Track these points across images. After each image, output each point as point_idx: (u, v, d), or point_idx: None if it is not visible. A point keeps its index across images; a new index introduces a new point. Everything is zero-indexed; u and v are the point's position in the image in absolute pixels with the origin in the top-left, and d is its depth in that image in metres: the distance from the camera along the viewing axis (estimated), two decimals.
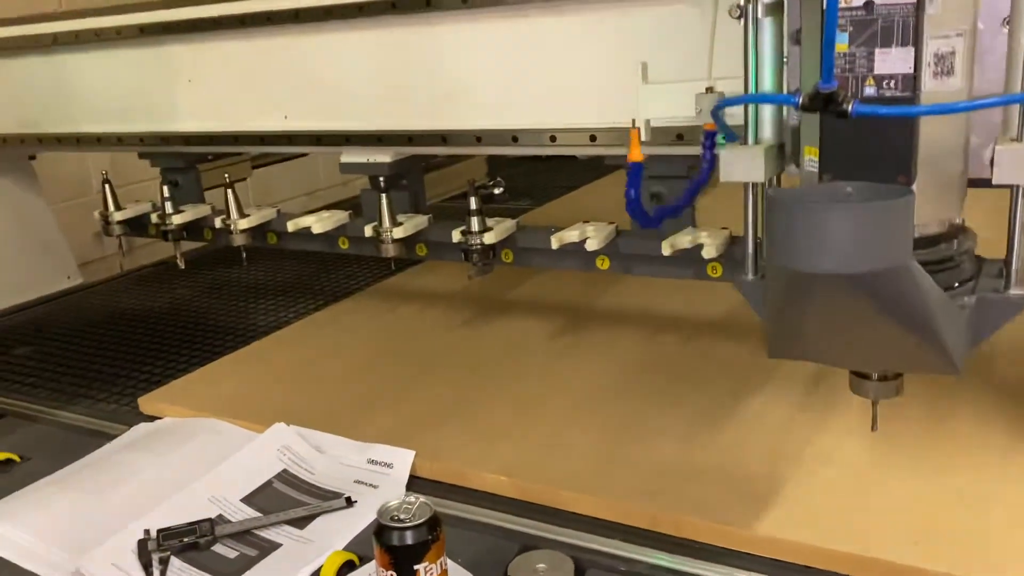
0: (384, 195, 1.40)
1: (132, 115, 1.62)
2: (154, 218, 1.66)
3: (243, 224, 1.55)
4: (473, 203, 1.34)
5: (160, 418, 1.35)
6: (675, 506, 0.98)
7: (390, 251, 1.42)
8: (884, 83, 0.79)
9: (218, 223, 1.60)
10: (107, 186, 1.69)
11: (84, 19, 1.64)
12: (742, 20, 0.90)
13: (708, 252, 1.17)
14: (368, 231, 1.44)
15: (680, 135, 1.11)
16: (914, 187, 0.79)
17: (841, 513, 0.95)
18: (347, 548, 0.99)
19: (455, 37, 1.28)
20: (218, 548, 1.01)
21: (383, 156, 1.41)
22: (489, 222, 1.37)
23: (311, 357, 1.51)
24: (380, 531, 0.83)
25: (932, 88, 0.79)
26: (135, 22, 1.56)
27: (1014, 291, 0.89)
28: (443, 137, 1.33)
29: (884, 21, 0.77)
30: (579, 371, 1.36)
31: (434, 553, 0.83)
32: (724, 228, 1.20)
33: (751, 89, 0.91)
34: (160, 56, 1.55)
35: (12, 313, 1.96)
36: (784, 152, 0.94)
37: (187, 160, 1.68)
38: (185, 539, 1.00)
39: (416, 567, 0.82)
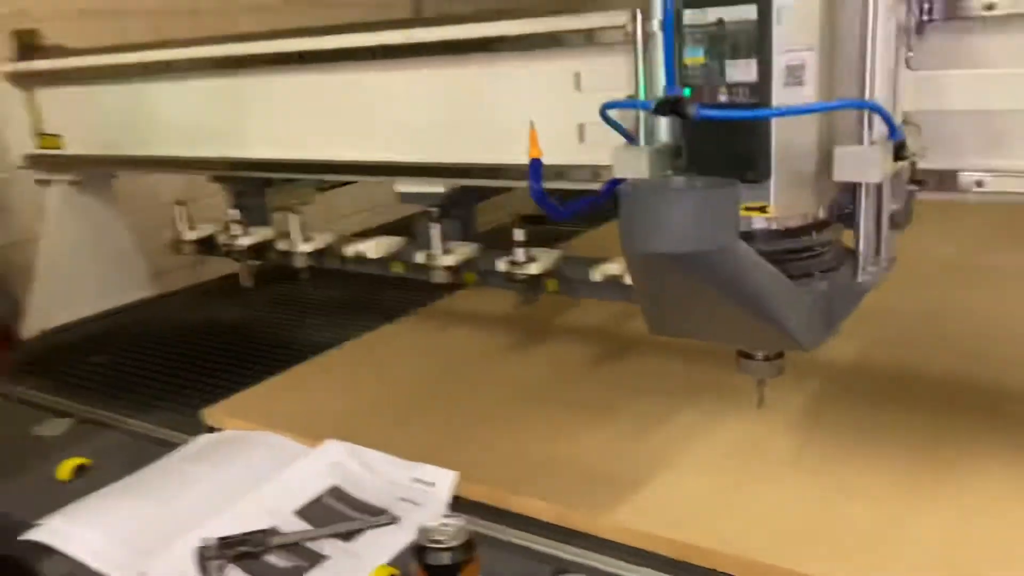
0: (436, 224, 1.47)
1: (205, 141, 1.72)
2: (223, 239, 1.76)
3: (305, 248, 1.65)
4: (519, 235, 1.41)
5: (221, 430, 1.43)
6: (698, 537, 1.02)
7: (440, 277, 1.51)
8: (734, 91, 0.88)
9: (282, 246, 1.69)
10: (179, 208, 1.80)
11: (164, 51, 1.75)
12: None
13: None
14: (420, 258, 1.52)
15: None
16: (771, 183, 0.88)
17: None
18: (391, 563, 1.04)
19: (509, 77, 1.33)
20: (271, 558, 1.08)
21: (437, 187, 1.47)
22: (535, 252, 1.43)
23: (363, 376, 1.58)
24: (420, 551, 0.89)
25: (784, 96, 0.87)
26: (211, 55, 1.66)
27: (861, 278, 0.98)
28: (495, 171, 1.39)
29: (732, 36, 0.87)
30: (622, 399, 1.39)
31: (469, 572, 0.88)
32: None
33: (641, 97, 1.00)
34: (233, 87, 1.65)
35: (89, 322, 2.08)
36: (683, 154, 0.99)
37: (255, 184, 1.77)
38: (241, 548, 1.07)
39: None
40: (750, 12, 0.85)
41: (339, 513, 1.16)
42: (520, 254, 1.42)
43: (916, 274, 1.68)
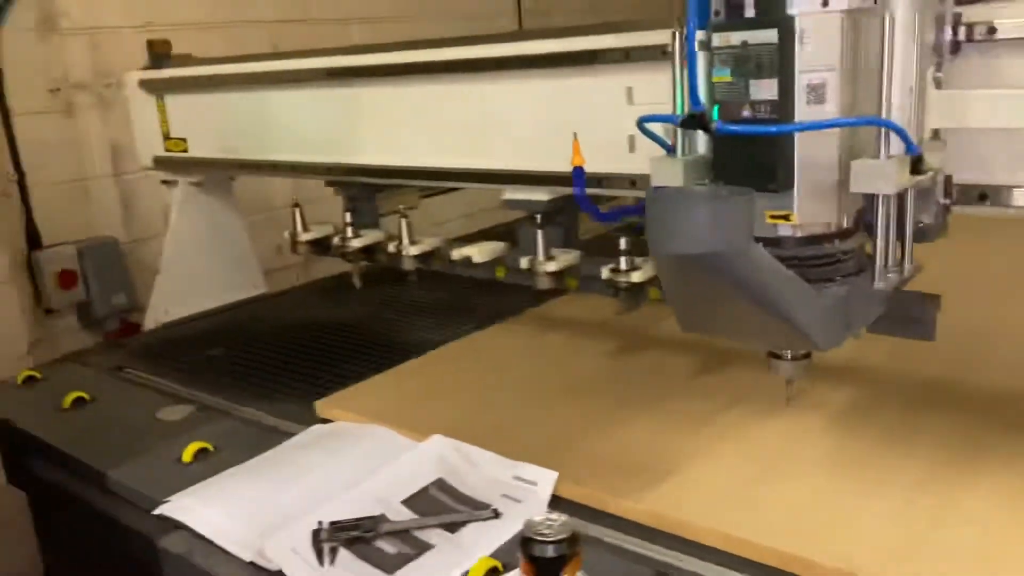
0: (540, 231, 1.50)
1: (322, 147, 1.80)
2: (336, 240, 1.84)
3: (413, 251, 1.71)
4: (623, 243, 1.43)
5: (332, 421, 1.50)
6: (803, 547, 1.02)
7: (543, 283, 1.54)
8: (757, 108, 0.94)
9: (391, 248, 1.76)
10: (297, 209, 1.89)
11: (283, 61, 1.85)
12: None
13: None
14: (524, 263, 1.55)
15: None
16: (794, 194, 0.94)
17: None
18: (493, 555, 1.08)
19: (616, 88, 1.36)
20: (380, 543, 1.13)
21: (542, 195, 1.51)
22: (638, 261, 1.44)
23: (466, 376, 1.63)
24: (526, 543, 0.92)
25: (806, 113, 0.92)
26: (327, 65, 1.74)
27: (878, 285, 1.02)
28: (599, 180, 1.42)
29: (756, 58, 0.93)
30: (722, 408, 1.40)
31: (572, 567, 0.91)
32: None
33: (678, 111, 1.04)
34: (349, 96, 1.73)
35: (207, 317, 2.21)
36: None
37: (367, 189, 1.85)
38: (352, 532, 1.13)
39: None
40: (772, 36, 0.92)
41: (444, 505, 1.21)
42: (623, 262, 1.44)
43: (967, 287, 1.71)
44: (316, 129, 1.82)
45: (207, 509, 1.22)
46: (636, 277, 1.44)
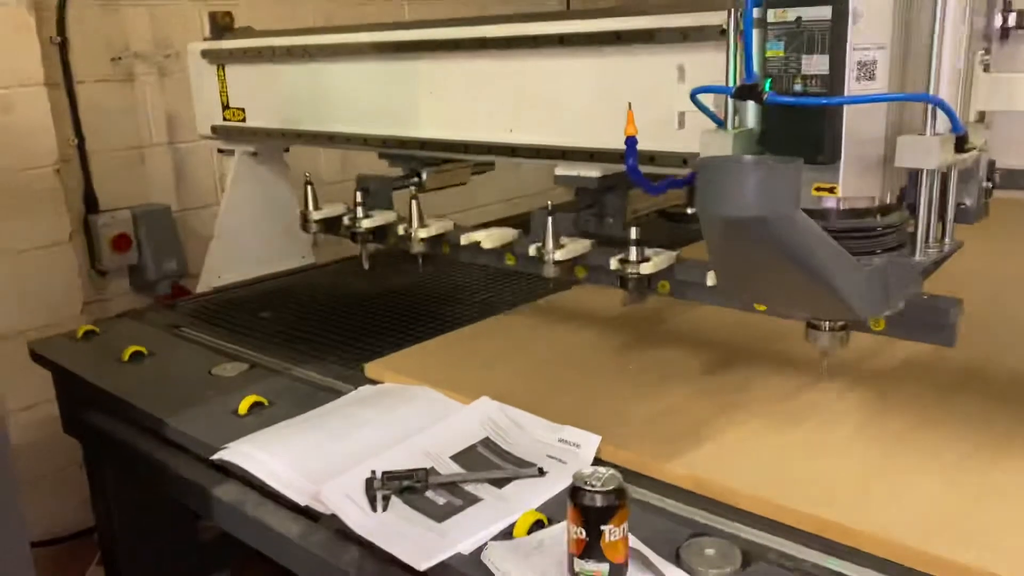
0: (550, 217, 1.48)
1: (377, 119, 1.85)
2: (345, 220, 1.84)
3: (422, 233, 1.69)
4: (633, 233, 1.40)
5: (381, 383, 1.55)
6: (844, 516, 1.05)
7: (550, 272, 1.50)
8: (808, 82, 0.99)
9: (400, 230, 1.74)
10: (309, 187, 1.88)
11: (342, 34, 1.89)
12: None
13: None
14: (532, 251, 1.52)
15: None
16: (840, 167, 0.97)
17: None
18: (538, 510, 1.13)
19: (668, 67, 1.39)
20: (430, 494, 1.18)
21: (593, 171, 1.54)
22: (648, 252, 1.41)
23: (511, 345, 1.68)
24: (574, 492, 0.96)
25: (855, 89, 0.95)
26: (387, 39, 1.79)
27: (918, 258, 1.05)
28: (651, 157, 1.44)
29: (808, 33, 0.98)
30: (758, 381, 1.43)
31: (619, 518, 0.95)
32: None
33: (731, 85, 1.07)
34: (406, 70, 1.77)
35: (258, 283, 2.27)
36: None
37: (420, 162, 1.89)
38: (404, 482, 1.18)
39: (603, 527, 0.95)
40: (826, 12, 0.95)
41: (490, 462, 1.25)
42: (633, 252, 1.39)
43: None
44: (372, 102, 1.87)
45: (264, 455, 1.28)
46: (645, 269, 1.39)
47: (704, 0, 1.32)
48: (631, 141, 1.27)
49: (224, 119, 2.22)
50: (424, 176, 1.92)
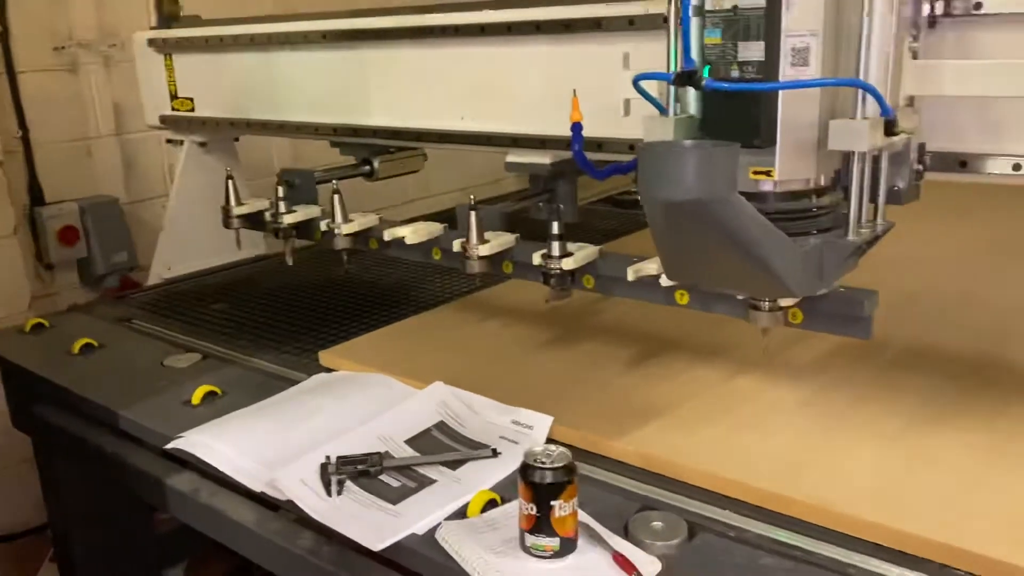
0: (474, 212, 1.47)
1: (328, 108, 1.85)
2: (268, 216, 1.78)
3: (346, 229, 1.65)
4: (555, 228, 1.38)
5: (336, 370, 1.56)
6: (784, 487, 1.10)
7: (475, 267, 1.48)
8: (744, 68, 1.03)
9: (323, 226, 1.68)
10: (230, 181, 1.82)
11: (292, 23, 1.89)
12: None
13: (786, 299, 1.17)
14: (456, 246, 1.50)
15: None
16: (776, 151, 1.03)
17: None
18: (492, 489, 1.15)
19: (615, 55, 1.42)
20: (384, 477, 1.20)
21: (544, 158, 1.56)
22: (571, 246, 1.40)
23: (464, 331, 1.70)
24: (525, 469, 0.99)
25: (790, 75, 1.01)
26: (336, 28, 1.79)
27: (851, 238, 1.09)
28: (599, 144, 1.47)
29: (744, 21, 1.02)
30: (702, 361, 1.47)
31: (568, 493, 0.98)
32: None
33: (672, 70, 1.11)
34: (357, 58, 1.78)
35: (210, 274, 2.26)
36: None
37: (372, 151, 1.90)
38: (359, 467, 1.19)
39: (552, 503, 0.98)
40: (760, 1, 1.00)
41: (445, 445, 1.27)
42: (556, 247, 1.38)
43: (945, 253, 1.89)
44: (322, 90, 1.87)
45: (219, 444, 1.28)
46: (567, 264, 1.38)
47: None
48: (576, 127, 1.30)
49: (172, 109, 2.20)
50: (376, 164, 1.93)
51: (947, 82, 1.07)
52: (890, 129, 1.02)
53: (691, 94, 1.11)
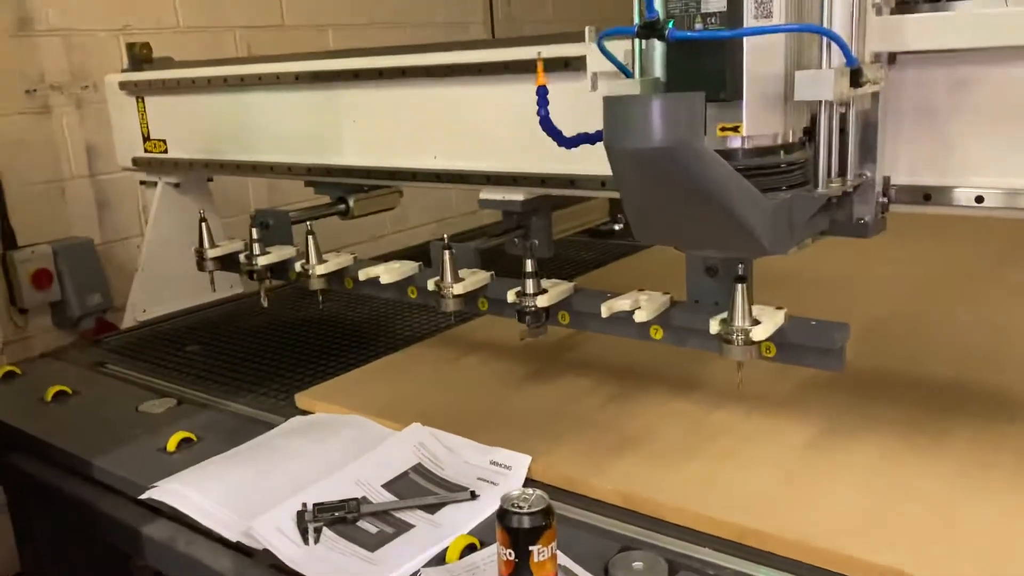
0: (448, 251, 1.46)
1: (301, 148, 1.85)
2: (242, 258, 1.77)
3: (320, 270, 1.65)
4: (529, 266, 1.37)
5: (312, 413, 1.55)
6: (762, 522, 1.10)
7: (450, 306, 1.47)
8: (708, 20, 1.02)
9: (298, 267, 1.68)
10: (203, 224, 1.81)
11: (265, 64, 1.90)
12: None
13: (757, 334, 1.16)
14: (431, 285, 1.49)
15: None
16: (743, 105, 1.01)
17: None
18: (471, 533, 1.14)
19: (587, 92, 1.43)
20: (362, 523, 1.19)
21: (517, 195, 1.57)
22: (546, 283, 1.39)
23: (440, 370, 1.70)
24: (502, 514, 0.98)
25: (753, 25, 1.00)
26: (309, 69, 1.79)
27: (820, 191, 1.08)
28: (572, 181, 1.48)
29: None
30: (678, 396, 1.48)
31: (547, 538, 0.98)
32: (780, 308, 1.22)
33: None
34: (329, 98, 1.78)
35: (184, 315, 2.25)
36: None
37: (346, 189, 1.90)
38: (336, 513, 1.18)
39: (531, 548, 0.97)
40: None
41: (423, 488, 1.26)
42: (530, 285, 1.38)
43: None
44: (295, 130, 1.87)
45: (194, 493, 1.27)
46: (542, 301, 1.37)
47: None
48: (542, 90, 1.25)
49: (145, 151, 2.19)
50: (351, 203, 1.93)
51: (910, 36, 1.06)
52: (856, 79, 1.02)
53: (656, 58, 1.10)
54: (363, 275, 1.62)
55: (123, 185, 2.83)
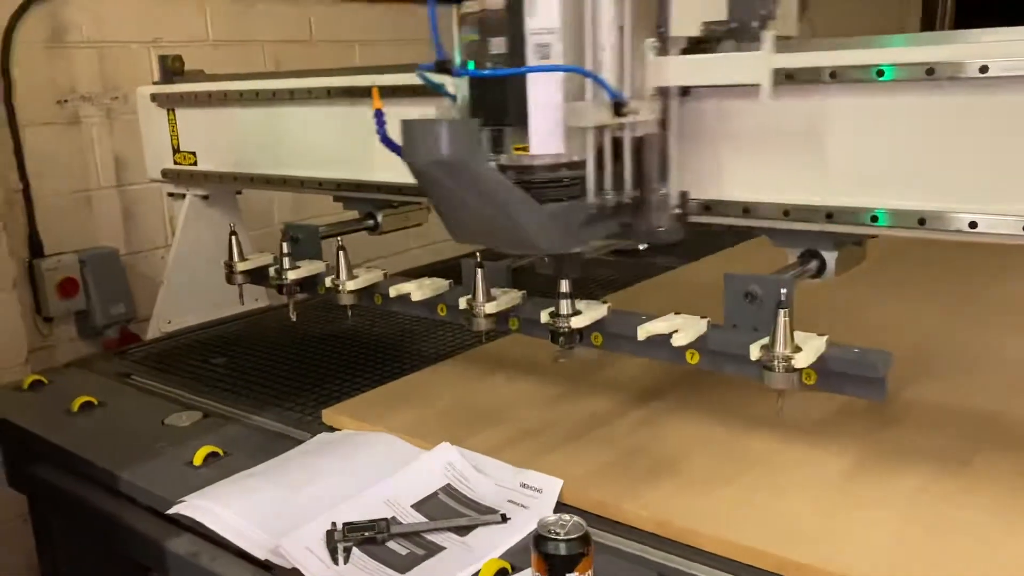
0: (479, 269, 1.45)
1: (332, 163, 1.85)
2: (272, 272, 1.76)
3: (351, 285, 1.64)
4: (564, 286, 1.37)
5: (339, 429, 1.54)
6: (803, 554, 1.07)
7: (481, 326, 1.47)
8: (495, 61, 1.21)
9: (328, 282, 1.68)
10: (233, 237, 1.82)
11: (297, 79, 1.90)
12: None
13: (800, 361, 1.15)
14: (462, 303, 1.49)
15: None
16: (529, 130, 1.19)
17: None
18: (502, 557, 1.12)
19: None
20: (392, 544, 1.17)
21: None
22: (580, 304, 1.38)
23: (471, 387, 1.68)
24: (539, 540, 0.97)
25: (535, 64, 1.18)
26: (342, 84, 1.79)
27: (590, 201, 1.23)
28: None
29: (493, 22, 1.21)
30: (716, 421, 1.46)
31: (584, 565, 0.96)
32: (822, 335, 1.21)
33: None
34: (361, 114, 1.77)
35: (209, 327, 2.24)
36: None
37: (375, 205, 1.89)
38: (365, 533, 1.17)
39: (567, 575, 0.95)
40: (501, 3, 1.20)
41: (452, 509, 1.25)
42: (564, 306, 1.37)
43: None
44: (326, 145, 1.87)
45: (221, 509, 1.25)
46: (576, 322, 1.36)
47: None
48: (378, 113, 1.37)
49: (175, 163, 2.20)
50: (379, 218, 1.93)
51: (672, 73, 1.24)
52: (619, 110, 1.19)
53: (465, 83, 1.26)
54: (393, 291, 1.61)
55: (149, 196, 2.84)
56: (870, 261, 1.35)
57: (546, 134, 1.20)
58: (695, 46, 1.27)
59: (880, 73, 1.13)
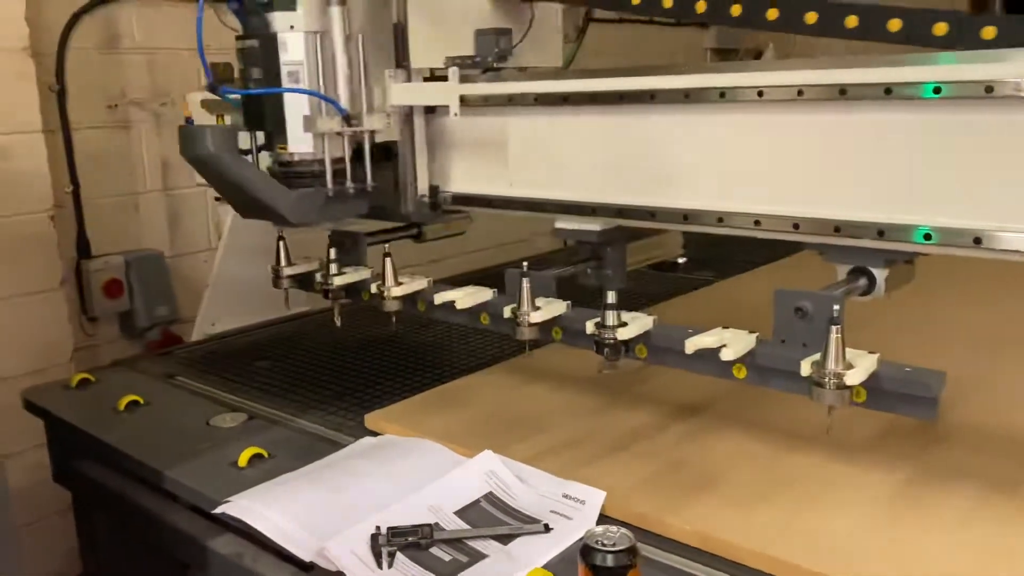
0: (525, 279, 1.46)
1: None
2: (318, 277, 1.79)
3: (396, 292, 1.66)
4: (610, 297, 1.36)
5: (381, 434, 1.55)
6: (845, 572, 1.06)
7: (525, 335, 1.47)
8: (256, 83, 1.60)
9: (373, 288, 1.71)
10: (280, 242, 1.85)
11: None
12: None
13: (851, 379, 1.13)
14: (507, 312, 1.49)
15: None
16: (287, 134, 1.61)
17: None
18: (545, 567, 1.13)
19: (671, 126, 1.42)
20: (435, 550, 1.18)
21: (594, 225, 1.56)
22: (625, 316, 1.37)
23: (513, 395, 1.69)
24: (587, 551, 0.97)
25: (287, 86, 1.59)
26: None
27: (329, 187, 1.62)
28: (652, 213, 1.47)
29: (253, 55, 1.60)
30: (757, 437, 1.45)
31: None
32: (873, 352, 1.19)
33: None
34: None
35: (254, 330, 2.27)
36: None
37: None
38: (409, 538, 1.18)
39: None
40: (256, 43, 1.59)
41: (494, 517, 1.25)
42: (610, 317, 1.36)
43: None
44: None
45: (267, 510, 1.27)
46: (622, 334, 1.35)
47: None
48: (189, 121, 1.72)
49: None
50: (423, 227, 1.94)
51: (394, 96, 1.64)
52: (349, 122, 1.58)
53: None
54: (438, 299, 1.63)
55: (194, 200, 2.90)
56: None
57: (300, 138, 1.60)
58: (433, 76, 1.66)
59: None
